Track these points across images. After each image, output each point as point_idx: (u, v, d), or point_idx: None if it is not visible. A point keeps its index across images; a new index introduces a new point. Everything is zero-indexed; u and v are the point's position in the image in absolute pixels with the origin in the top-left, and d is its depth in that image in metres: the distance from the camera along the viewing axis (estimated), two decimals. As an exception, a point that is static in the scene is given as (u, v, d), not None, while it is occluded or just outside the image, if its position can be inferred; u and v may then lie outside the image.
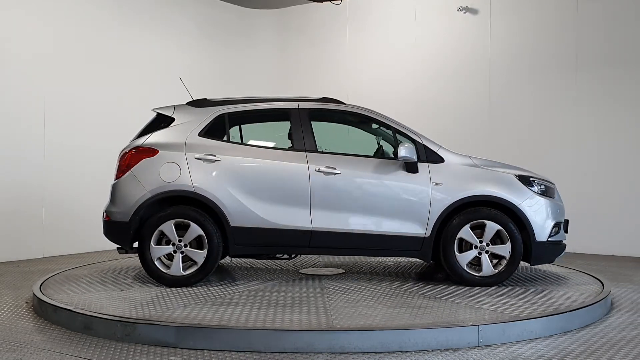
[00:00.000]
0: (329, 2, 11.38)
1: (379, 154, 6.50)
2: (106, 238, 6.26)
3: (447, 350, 4.40)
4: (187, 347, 4.40)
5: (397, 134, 6.20)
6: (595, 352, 4.36)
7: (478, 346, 4.48)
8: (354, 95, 10.56)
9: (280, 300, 5.34)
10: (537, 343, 4.57)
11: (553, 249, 6.15)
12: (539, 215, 6.01)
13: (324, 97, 6.54)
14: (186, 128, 6.13)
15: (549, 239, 6.05)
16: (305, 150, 6.07)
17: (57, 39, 8.99)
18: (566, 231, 6.38)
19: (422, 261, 7.31)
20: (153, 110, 6.46)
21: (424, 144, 6.10)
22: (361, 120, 6.52)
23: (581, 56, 9.45)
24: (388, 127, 6.30)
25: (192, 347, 4.40)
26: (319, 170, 5.97)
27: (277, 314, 4.85)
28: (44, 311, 5.36)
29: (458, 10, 10.36)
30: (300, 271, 6.83)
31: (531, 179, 6.17)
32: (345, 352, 4.31)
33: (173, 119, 6.21)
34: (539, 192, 6.13)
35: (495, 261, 6.01)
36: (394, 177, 6.01)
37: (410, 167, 5.98)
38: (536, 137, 9.79)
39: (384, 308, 5.08)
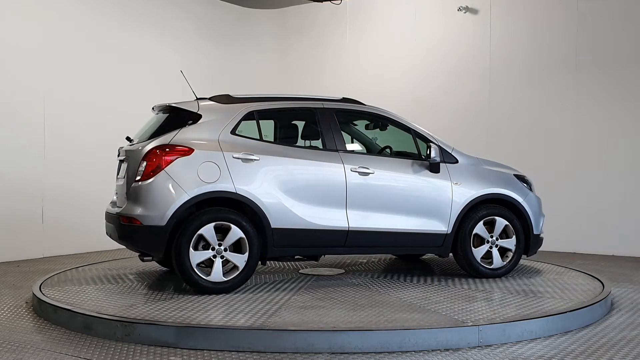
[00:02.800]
0: (329, 2, 11.38)
1: (385, 152, 6.69)
2: (128, 245, 5.84)
3: (447, 350, 4.40)
4: (187, 347, 4.40)
5: (416, 136, 6.39)
6: (595, 352, 4.36)
7: (478, 346, 4.48)
8: (354, 95, 10.54)
9: (366, 302, 5.31)
10: (537, 343, 4.57)
11: (540, 241, 6.77)
12: (535, 210, 6.63)
13: (344, 98, 6.57)
14: (217, 125, 5.76)
15: (540, 232, 6.71)
16: (337, 150, 6.05)
17: (56, 38, 8.98)
18: None
19: (391, 256, 7.82)
20: (170, 105, 6.02)
21: (439, 146, 6.33)
22: (382, 121, 6.59)
23: (581, 56, 9.45)
24: (407, 129, 6.44)
25: (192, 347, 4.40)
26: (353, 170, 6.00)
27: (391, 314, 4.88)
28: (44, 311, 5.36)
29: (458, 10, 10.36)
30: (300, 271, 6.83)
31: (525, 177, 6.77)
32: (345, 352, 4.31)
33: (200, 116, 5.80)
34: (529, 188, 6.74)
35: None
36: (421, 177, 6.23)
37: (434, 168, 6.22)
38: (535, 137, 9.78)
39: (484, 303, 5.27)
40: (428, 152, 6.19)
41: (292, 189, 5.79)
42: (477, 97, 10.26)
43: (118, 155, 6.29)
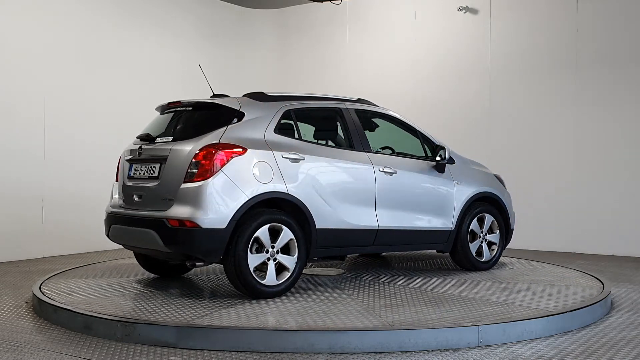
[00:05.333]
0: (329, 2, 11.38)
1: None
2: (178, 249, 5.32)
3: (447, 350, 4.40)
4: (187, 347, 4.40)
5: (422, 138, 6.63)
6: (595, 352, 4.36)
7: (478, 346, 4.48)
8: (354, 95, 10.56)
9: (428, 299, 5.39)
10: (537, 343, 4.57)
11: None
12: (510, 206, 7.16)
13: (359, 99, 6.63)
14: (261, 124, 5.56)
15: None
16: (364, 150, 6.11)
17: (56, 39, 8.98)
18: None
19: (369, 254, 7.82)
20: (207, 101, 5.69)
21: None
22: (392, 122, 6.72)
23: (581, 56, 9.45)
24: (414, 130, 6.65)
25: (192, 347, 4.40)
26: (381, 170, 6.10)
27: (475, 309, 5.00)
28: (44, 311, 5.35)
29: (458, 10, 10.36)
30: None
31: (500, 177, 7.22)
32: (345, 352, 4.31)
33: (243, 113, 5.55)
34: (504, 186, 7.22)
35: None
36: (433, 176, 6.53)
37: (440, 168, 6.54)
38: (535, 137, 9.78)
39: (530, 294, 5.36)
40: (441, 154, 6.45)
41: (334, 189, 5.77)
42: (477, 97, 10.26)
43: (139, 154, 5.72)
